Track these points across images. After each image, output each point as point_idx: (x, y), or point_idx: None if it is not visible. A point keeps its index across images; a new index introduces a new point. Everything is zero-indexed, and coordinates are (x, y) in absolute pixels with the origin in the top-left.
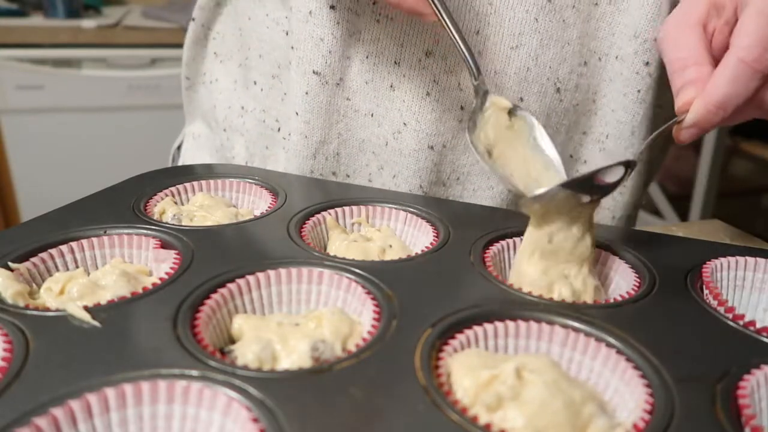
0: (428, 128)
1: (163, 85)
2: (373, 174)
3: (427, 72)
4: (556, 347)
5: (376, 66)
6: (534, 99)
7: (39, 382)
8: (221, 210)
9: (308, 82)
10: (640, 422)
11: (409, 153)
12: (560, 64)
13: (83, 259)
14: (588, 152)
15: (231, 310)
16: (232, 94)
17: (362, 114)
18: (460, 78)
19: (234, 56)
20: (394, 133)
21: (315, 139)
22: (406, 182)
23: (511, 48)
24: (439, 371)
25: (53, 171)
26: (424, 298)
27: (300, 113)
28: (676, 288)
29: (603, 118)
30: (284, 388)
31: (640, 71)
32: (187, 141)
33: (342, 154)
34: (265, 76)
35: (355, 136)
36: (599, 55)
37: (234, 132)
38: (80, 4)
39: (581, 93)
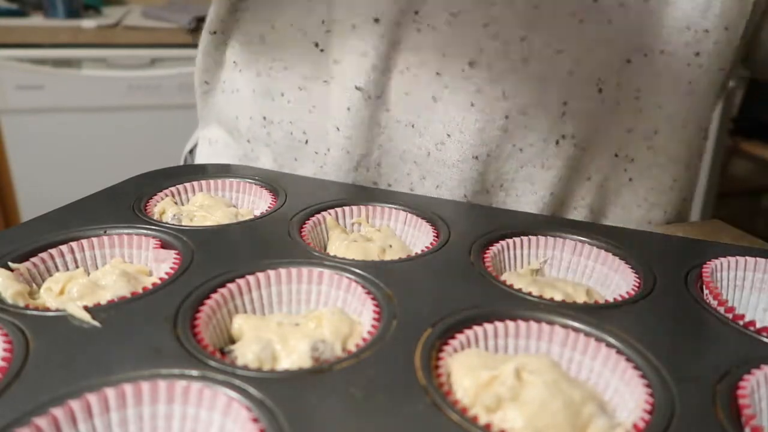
0: (472, 139)
1: (163, 85)
2: (415, 183)
3: (471, 82)
4: (556, 347)
5: (417, 77)
6: (576, 102)
7: (39, 382)
8: (221, 210)
9: (350, 98)
10: (640, 422)
11: (452, 164)
12: (603, 64)
13: (83, 259)
14: (635, 150)
15: (231, 310)
16: (252, 105)
17: (403, 125)
18: (505, 86)
19: (252, 65)
20: (436, 144)
21: (357, 153)
22: (450, 192)
23: (556, 52)
24: (439, 371)
25: (53, 171)
26: (424, 298)
27: (341, 129)
28: (676, 288)
29: (648, 113)
30: (284, 388)
31: (691, 62)
32: (203, 145)
33: (383, 164)
34: (292, 89)
35: (396, 146)
36: (644, 51)
37: (258, 143)
38: (80, 4)
39: (623, 91)
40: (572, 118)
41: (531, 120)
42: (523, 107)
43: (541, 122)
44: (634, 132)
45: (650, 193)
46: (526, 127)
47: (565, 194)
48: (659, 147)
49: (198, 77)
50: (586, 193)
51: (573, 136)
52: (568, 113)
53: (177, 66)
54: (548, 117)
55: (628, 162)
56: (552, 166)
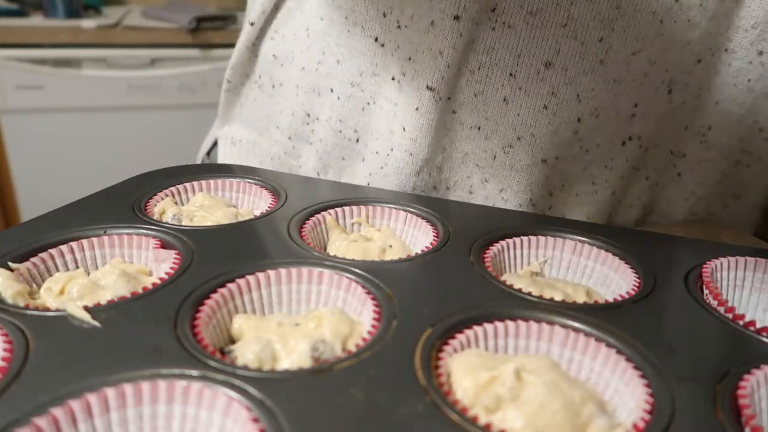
0: (543, 142)
1: (163, 85)
2: (475, 186)
3: (546, 84)
4: (556, 347)
5: (488, 78)
6: (647, 103)
7: (39, 382)
8: (221, 210)
9: (420, 98)
10: (640, 422)
11: (521, 168)
12: (677, 65)
13: (83, 259)
14: (688, 146)
15: (231, 310)
16: (294, 101)
17: (467, 127)
18: (580, 89)
19: (296, 58)
20: (504, 147)
21: (421, 156)
22: (515, 196)
23: (632, 54)
24: (439, 371)
25: (53, 171)
26: (424, 298)
27: (407, 129)
28: (676, 288)
29: (705, 110)
30: (284, 388)
31: (753, 60)
32: (224, 145)
33: (444, 168)
34: (343, 84)
35: (458, 148)
36: (713, 51)
37: (300, 140)
38: (80, 4)
39: (690, 90)
40: (642, 119)
41: (602, 122)
42: (596, 109)
43: (612, 124)
44: (690, 128)
45: (698, 187)
46: (597, 129)
47: (623, 192)
48: (711, 142)
49: (228, 74)
50: (641, 191)
51: (639, 137)
52: (638, 115)
53: (177, 66)
54: (618, 119)
55: (680, 158)
56: (615, 166)
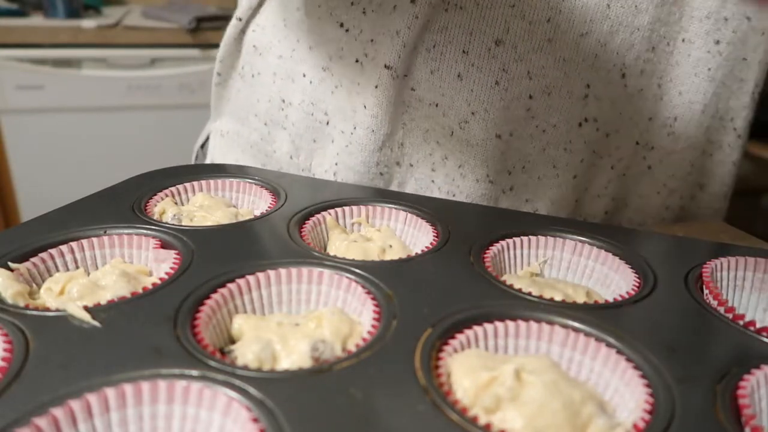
0: (496, 117)
1: (163, 85)
2: (437, 163)
3: (497, 61)
4: (556, 347)
5: (443, 55)
6: (600, 85)
7: (39, 382)
8: (221, 210)
9: (379, 76)
10: (640, 422)
11: (476, 143)
12: (628, 50)
13: (83, 259)
14: (656, 137)
15: (231, 310)
16: (271, 88)
17: (426, 104)
18: (530, 66)
19: (273, 48)
20: (460, 122)
21: (382, 132)
22: (472, 172)
23: (580, 35)
24: (439, 371)
25: (53, 171)
26: (424, 298)
27: (368, 107)
28: (676, 288)
29: (669, 102)
30: (284, 388)
31: (711, 50)
32: (214, 139)
33: (406, 144)
34: (314, 69)
35: (419, 125)
36: (668, 40)
37: (275, 126)
38: (80, 4)
39: (646, 78)
40: (595, 101)
41: (554, 100)
42: (547, 87)
43: (565, 103)
44: (655, 119)
45: (670, 180)
46: (550, 108)
47: (589, 180)
48: (678, 133)
49: (217, 67)
50: (608, 182)
51: (596, 119)
52: (591, 96)
53: (177, 66)
54: (571, 99)
55: (648, 150)
56: (575, 149)
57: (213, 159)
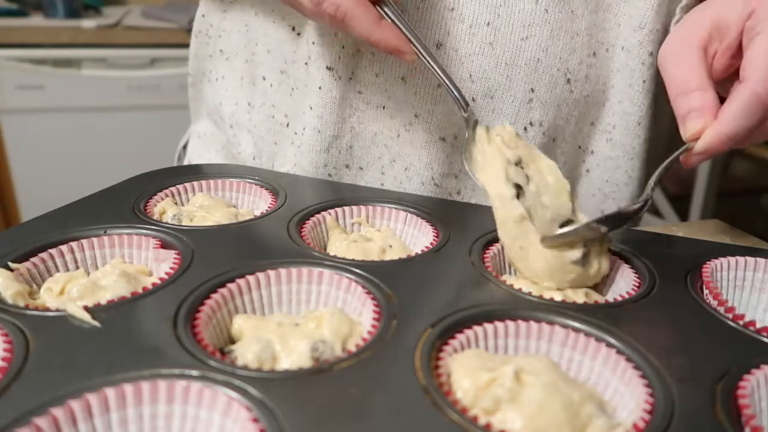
0: (440, 120)
1: (163, 85)
2: (386, 167)
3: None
4: (556, 347)
5: (386, 58)
6: (545, 89)
7: (39, 382)
8: (221, 210)
9: (322, 77)
10: (640, 422)
11: (420, 145)
12: (570, 54)
13: (83, 259)
14: (596, 142)
15: (231, 310)
16: (238, 91)
17: (373, 106)
18: (472, 69)
19: (240, 53)
20: (405, 125)
21: (328, 133)
22: (418, 175)
23: (521, 39)
24: (439, 371)
25: (53, 171)
26: (424, 298)
27: (314, 107)
28: (676, 288)
29: (611, 108)
30: (284, 388)
31: (645, 61)
32: (193, 140)
33: (355, 147)
34: (273, 72)
35: (367, 128)
36: (606, 47)
37: (241, 128)
38: (80, 4)
39: (591, 84)
40: (540, 105)
41: (498, 104)
42: (490, 90)
43: (508, 107)
44: (597, 125)
45: (604, 185)
46: (494, 111)
47: None
48: (616, 141)
49: (189, 68)
50: None
51: (541, 123)
52: (536, 100)
53: (177, 66)
54: (515, 102)
55: (589, 154)
56: None
57: (190, 160)
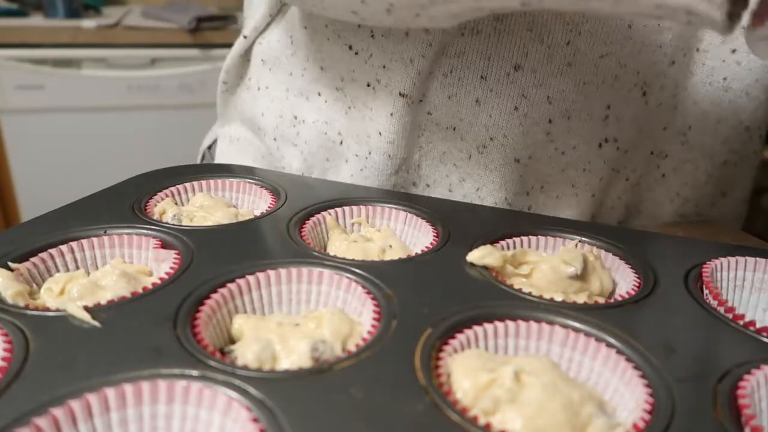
0: (515, 143)
1: (163, 85)
2: (454, 185)
3: (515, 86)
4: (556, 347)
5: (460, 81)
6: (621, 105)
7: (39, 382)
8: (221, 210)
9: (394, 104)
10: (640, 422)
11: (495, 167)
12: (649, 67)
13: (83, 259)
14: (669, 146)
15: (231, 310)
16: (284, 103)
17: (443, 127)
18: (550, 91)
19: (283, 65)
20: (478, 147)
21: (399, 157)
22: (491, 195)
23: (600, 57)
24: (439, 371)
25: (53, 171)
26: (424, 298)
27: (383, 134)
28: (676, 288)
29: (684, 111)
30: (284, 388)
31: (726, 59)
32: (223, 142)
33: (422, 165)
34: (329, 88)
35: (436, 148)
36: (684, 51)
37: (286, 142)
38: (80, 4)
39: (665, 92)
40: (616, 121)
41: (574, 123)
42: (567, 111)
43: (585, 126)
44: (669, 129)
45: (683, 188)
46: (570, 131)
47: (605, 194)
48: (693, 142)
49: (222, 76)
50: (623, 192)
51: (616, 139)
52: (612, 117)
53: (177, 66)
54: (592, 121)
55: (662, 158)
56: (594, 169)
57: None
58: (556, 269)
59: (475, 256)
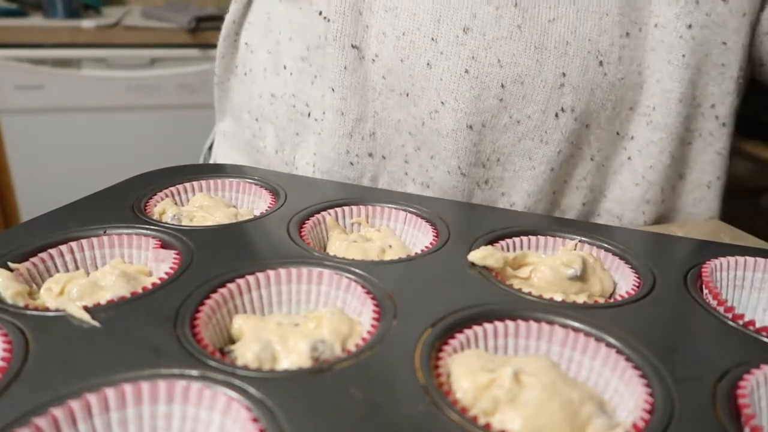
0: (467, 107)
1: (163, 85)
2: (410, 155)
3: (465, 48)
4: (556, 347)
5: (412, 43)
6: (576, 73)
7: (39, 382)
8: (221, 210)
9: (346, 57)
10: (640, 422)
11: (447, 133)
12: (600, 35)
13: (83, 259)
14: (635, 127)
15: (231, 310)
16: (263, 83)
17: (397, 93)
18: (500, 54)
19: (263, 43)
20: (430, 112)
21: (351, 116)
22: (444, 163)
23: (548, 21)
24: (439, 371)
25: (53, 171)
26: (424, 298)
27: (336, 89)
28: (676, 288)
29: (648, 89)
30: (284, 388)
31: (683, 35)
32: (218, 139)
33: (378, 134)
34: (294, 60)
35: (390, 115)
36: (639, 26)
37: (266, 121)
38: (80, 4)
39: (625, 65)
40: (572, 90)
41: (528, 90)
42: (520, 76)
43: (539, 93)
44: (635, 109)
45: (648, 172)
46: (524, 98)
47: (567, 172)
48: (657, 123)
49: (215, 66)
50: (587, 173)
51: (573, 109)
52: (567, 85)
53: (177, 66)
54: (546, 87)
55: (629, 140)
56: (551, 140)
57: (216, 160)
58: (556, 270)
59: (476, 257)
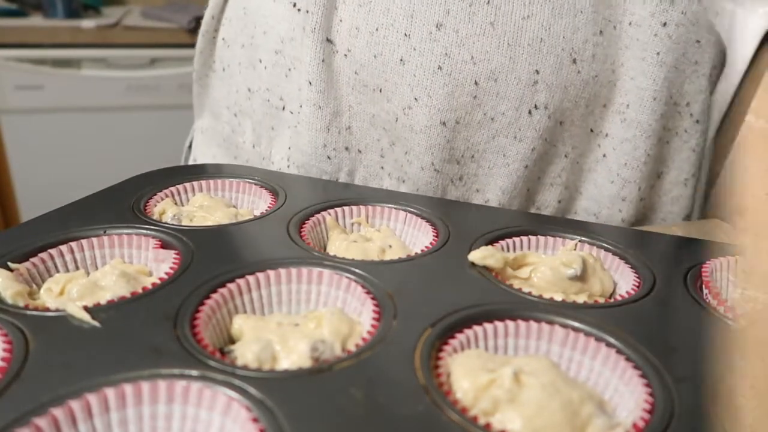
0: (440, 103)
1: (163, 85)
2: (385, 149)
3: (438, 45)
4: (556, 347)
5: (385, 38)
6: (550, 71)
7: (39, 382)
8: (221, 210)
9: (323, 50)
10: (640, 422)
11: (420, 129)
12: (574, 33)
13: (83, 259)
14: (609, 125)
15: (231, 310)
16: (239, 78)
17: (370, 89)
18: (473, 51)
19: (239, 38)
20: (404, 108)
21: (328, 110)
22: (417, 159)
23: (522, 18)
24: (439, 371)
25: (53, 171)
26: (424, 298)
27: (314, 82)
28: (676, 288)
29: (622, 87)
30: (284, 388)
31: (658, 33)
32: (197, 136)
33: (353, 128)
34: (269, 53)
35: (365, 110)
36: (614, 24)
37: (244, 116)
38: (80, 4)
39: (599, 63)
40: (546, 87)
41: (501, 87)
42: (494, 73)
43: (512, 90)
44: (609, 106)
45: (623, 169)
46: (498, 95)
47: (541, 170)
48: (631, 120)
49: (194, 65)
50: (561, 170)
51: (546, 106)
52: (541, 82)
53: (176, 66)
54: (519, 85)
55: (603, 137)
56: (525, 137)
57: (195, 157)
58: (556, 270)
59: (476, 257)
